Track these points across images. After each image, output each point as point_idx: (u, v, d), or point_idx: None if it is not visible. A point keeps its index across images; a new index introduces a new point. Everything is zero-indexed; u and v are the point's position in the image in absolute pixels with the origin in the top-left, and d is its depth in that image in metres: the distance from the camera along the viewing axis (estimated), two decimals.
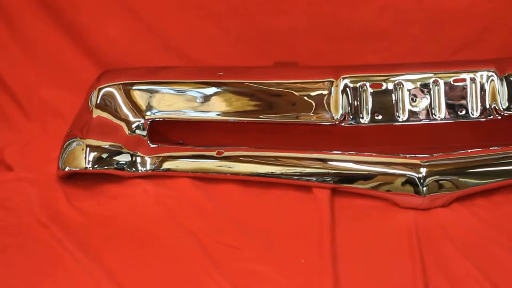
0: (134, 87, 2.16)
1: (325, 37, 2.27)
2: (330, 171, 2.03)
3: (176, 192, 2.08)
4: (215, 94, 2.14)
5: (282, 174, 2.06)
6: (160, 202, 2.03)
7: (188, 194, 2.06)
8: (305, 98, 2.07)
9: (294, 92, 2.08)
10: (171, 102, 2.15)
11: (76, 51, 2.35)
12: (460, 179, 1.97)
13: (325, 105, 2.05)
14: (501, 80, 2.01)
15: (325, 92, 2.05)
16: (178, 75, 2.17)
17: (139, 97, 2.16)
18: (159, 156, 2.13)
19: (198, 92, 2.14)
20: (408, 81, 2.02)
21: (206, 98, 2.14)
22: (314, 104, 2.06)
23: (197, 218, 1.96)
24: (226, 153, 2.10)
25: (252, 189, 2.08)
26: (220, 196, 2.06)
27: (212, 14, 2.30)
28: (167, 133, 2.23)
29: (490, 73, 2.01)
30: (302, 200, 2.03)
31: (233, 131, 2.21)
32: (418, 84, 2.03)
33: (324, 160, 2.05)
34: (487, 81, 2.01)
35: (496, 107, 2.02)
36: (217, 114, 2.13)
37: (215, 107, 2.13)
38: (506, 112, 2.01)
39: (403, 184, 1.98)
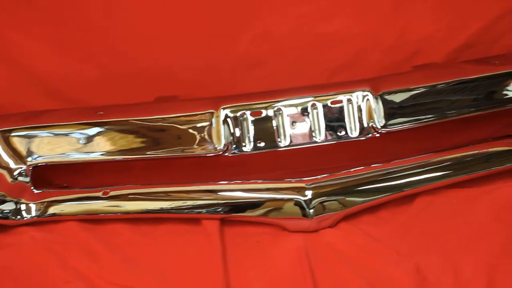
0: (13, 134, 2.16)
1: (205, 69, 2.35)
2: (219, 201, 2.09)
3: (64, 236, 2.08)
4: (98, 134, 2.15)
5: (172, 208, 2.11)
6: (48, 248, 2.03)
7: (77, 237, 2.07)
8: (189, 131, 2.12)
9: (178, 126, 2.12)
10: (53, 146, 2.16)
11: None
12: (345, 198, 2.06)
13: (208, 137, 2.10)
14: (376, 98, 2.12)
15: (207, 123, 2.11)
16: (58, 118, 2.18)
17: (19, 143, 2.16)
18: (44, 202, 2.14)
19: (80, 133, 2.15)
20: (287, 106, 2.11)
21: (89, 138, 2.15)
22: (197, 136, 2.11)
23: (88, 261, 1.97)
24: (112, 193, 2.13)
25: (141, 226, 2.11)
26: (109, 236, 2.07)
27: (91, 55, 2.34)
28: (52, 177, 2.24)
29: (365, 93, 2.11)
30: (192, 233, 2.08)
31: (120, 169, 2.24)
32: (297, 108, 2.11)
33: (213, 191, 2.11)
34: (363, 100, 2.10)
35: (374, 125, 2.12)
36: (102, 154, 2.15)
37: (99, 147, 2.15)
38: (383, 129, 2.10)
39: (291, 208, 2.05)
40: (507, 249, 1.87)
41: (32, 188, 2.14)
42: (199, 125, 2.11)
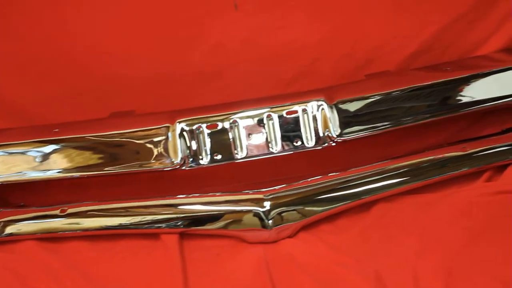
0: None
1: (160, 82, 2.36)
2: (179, 215, 2.10)
3: (23, 255, 2.07)
4: (54, 151, 2.15)
5: (131, 224, 2.11)
6: (7, 268, 2.02)
7: (36, 256, 2.06)
8: (145, 145, 2.12)
9: (134, 141, 2.13)
10: (8, 165, 2.15)
11: None
12: (304, 208, 2.09)
13: (165, 151, 2.11)
14: (331, 108, 2.15)
15: (163, 138, 2.12)
16: (13, 137, 2.18)
17: None
18: (1, 222, 2.13)
19: (36, 151, 2.15)
20: (242, 118, 2.13)
21: (45, 156, 2.15)
22: (154, 151, 2.12)
23: (47, 280, 1.96)
24: (70, 210, 2.12)
25: (100, 243, 2.11)
26: (68, 254, 2.07)
27: (49, 70, 2.34)
28: (8, 196, 2.24)
29: (320, 103, 2.14)
30: (151, 248, 2.08)
31: (78, 186, 2.24)
32: (253, 120, 2.13)
33: (172, 205, 2.12)
34: (318, 110, 2.13)
35: (329, 134, 2.14)
36: (59, 172, 2.15)
37: (56, 164, 2.14)
38: (339, 138, 2.13)
39: (250, 219, 2.07)
40: (464, 252, 1.90)
41: None
42: (155, 139, 2.12)
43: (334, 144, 2.14)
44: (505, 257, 1.84)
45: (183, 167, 2.11)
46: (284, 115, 2.13)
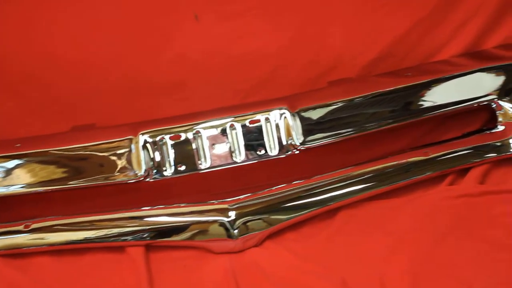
0: None
1: (122, 94, 2.36)
2: (144, 227, 2.10)
3: None
4: (17, 166, 2.14)
5: (96, 238, 2.11)
6: None
7: (0, 273, 2.04)
8: (109, 158, 2.13)
9: (98, 154, 2.13)
10: None
11: None
12: (269, 217, 2.10)
13: (128, 163, 2.12)
14: (294, 116, 2.16)
15: (126, 150, 2.12)
16: None
17: None
18: None
19: None
20: (205, 128, 2.14)
21: (8, 172, 2.14)
22: (118, 163, 2.12)
23: None
24: (34, 225, 2.11)
25: (66, 257, 2.10)
26: (34, 270, 2.06)
27: (8, 85, 2.33)
28: None
29: (282, 111, 2.16)
30: (117, 261, 2.08)
31: (41, 201, 2.23)
32: (216, 130, 2.14)
33: (137, 218, 2.12)
34: (280, 118, 2.14)
35: (293, 142, 2.16)
36: (22, 187, 2.14)
37: (19, 179, 2.14)
38: (302, 146, 2.15)
39: (215, 230, 2.08)
40: (429, 256, 1.93)
41: None
42: (118, 152, 2.12)
43: (297, 152, 2.15)
44: (469, 260, 1.87)
45: (147, 179, 2.12)
46: (247, 124, 2.14)
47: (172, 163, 2.13)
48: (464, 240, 1.96)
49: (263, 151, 2.14)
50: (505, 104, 2.28)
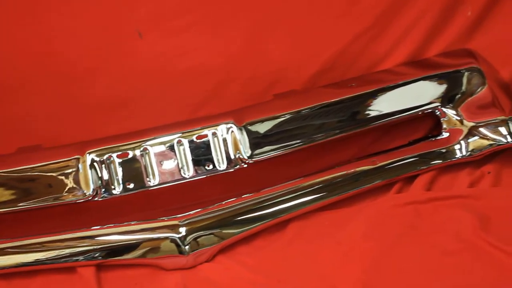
0: None
1: (65, 116, 2.37)
2: (95, 247, 2.09)
3: None
4: None
5: (47, 259, 2.10)
6: None
7: None
8: (57, 178, 2.13)
9: (45, 175, 2.13)
10: None
11: None
12: (220, 231, 2.12)
13: (76, 183, 2.12)
14: (241, 130, 2.18)
15: (74, 169, 2.12)
16: None
17: None
18: None
19: None
20: (153, 145, 2.15)
21: None
22: (66, 183, 2.12)
23: None
24: None
25: (16, 280, 2.10)
26: None
27: None
28: None
29: (229, 125, 2.18)
30: (69, 282, 2.08)
31: None
32: (163, 146, 2.15)
33: (88, 237, 2.12)
34: (227, 133, 2.16)
35: (240, 156, 2.18)
36: None
37: None
38: (250, 160, 2.17)
39: (166, 246, 2.08)
40: (379, 264, 1.96)
41: None
42: (66, 172, 2.12)
43: (245, 165, 2.17)
44: (419, 267, 1.91)
45: (96, 198, 2.11)
46: (195, 139, 2.15)
47: (121, 181, 2.13)
48: (413, 246, 1.99)
49: (211, 166, 2.15)
50: (449, 111, 2.33)
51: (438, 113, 2.37)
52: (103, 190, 2.13)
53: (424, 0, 2.42)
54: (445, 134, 2.37)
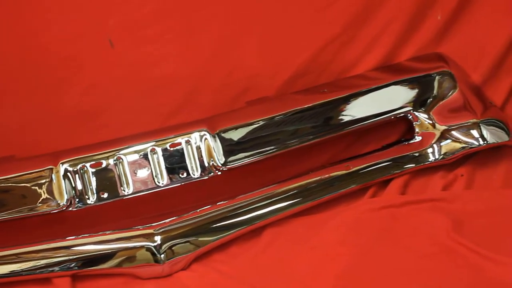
0: None
1: (38, 126, 2.37)
2: (71, 257, 2.09)
3: None
4: None
5: (23, 270, 2.09)
6: None
7: None
8: (31, 189, 2.13)
9: (19, 185, 2.13)
10: None
11: None
12: (195, 239, 2.13)
13: (50, 193, 2.12)
14: (214, 137, 2.20)
15: (47, 180, 2.12)
16: None
17: None
18: None
19: None
20: (126, 154, 2.15)
21: None
22: (39, 194, 2.12)
23: None
24: None
25: None
26: None
27: None
28: None
29: (202, 133, 2.19)
30: None
31: None
32: (137, 155, 2.16)
33: (64, 248, 2.12)
34: (201, 140, 2.17)
35: (214, 163, 2.19)
36: None
37: None
38: (224, 167, 2.18)
39: (142, 255, 2.09)
40: (355, 269, 1.97)
41: None
42: (40, 182, 2.12)
43: (220, 173, 2.18)
44: (395, 271, 1.93)
45: (70, 208, 2.11)
46: (168, 148, 2.16)
47: (95, 191, 2.13)
48: (389, 250, 2.01)
49: (185, 174, 2.17)
50: (421, 115, 2.36)
51: (410, 117, 2.39)
52: (77, 200, 2.13)
53: (394, 5, 2.45)
54: (418, 138, 2.39)
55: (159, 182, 2.17)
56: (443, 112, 2.36)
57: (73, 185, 2.13)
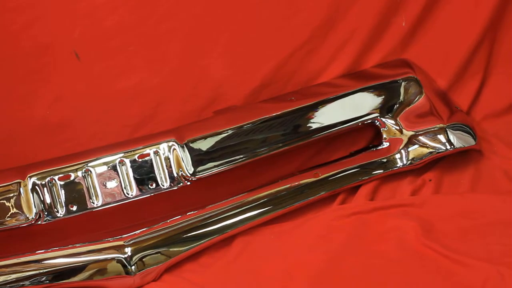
0: None
1: (4, 140, 2.35)
2: (41, 271, 2.09)
3: None
4: None
5: None
6: None
7: None
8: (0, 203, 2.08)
9: None
10: None
11: None
12: (165, 250, 2.14)
13: (19, 207, 2.11)
14: (183, 147, 2.21)
15: (15, 194, 2.12)
16: None
17: None
18: None
19: None
20: (95, 166, 2.16)
21: None
22: (8, 208, 2.11)
23: None
24: None
25: None
26: None
27: None
28: None
29: (171, 143, 2.20)
30: None
31: None
32: (105, 167, 2.16)
33: (34, 262, 2.11)
34: (169, 151, 2.18)
35: (183, 173, 2.20)
36: None
37: None
38: (193, 177, 2.19)
39: (113, 267, 2.09)
40: (325, 276, 2.01)
41: None
42: (7, 196, 2.12)
43: (189, 183, 2.19)
44: (364, 276, 1.97)
45: (39, 222, 2.11)
46: (137, 159, 2.17)
47: (64, 204, 2.13)
48: (358, 256, 2.04)
49: (154, 185, 2.18)
50: (388, 121, 2.39)
51: (377, 123, 2.42)
52: (46, 213, 2.12)
53: (359, 12, 2.48)
54: (386, 144, 2.42)
55: (128, 194, 2.17)
56: (410, 118, 2.39)
57: (42, 199, 2.12)
